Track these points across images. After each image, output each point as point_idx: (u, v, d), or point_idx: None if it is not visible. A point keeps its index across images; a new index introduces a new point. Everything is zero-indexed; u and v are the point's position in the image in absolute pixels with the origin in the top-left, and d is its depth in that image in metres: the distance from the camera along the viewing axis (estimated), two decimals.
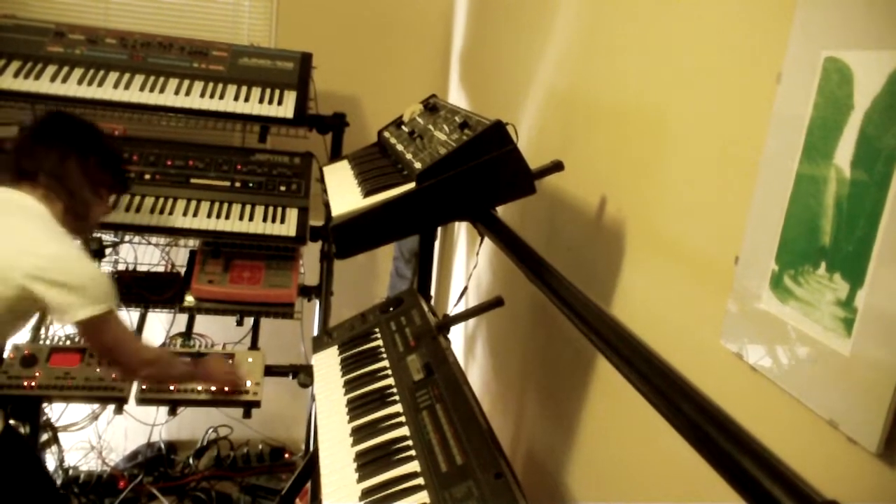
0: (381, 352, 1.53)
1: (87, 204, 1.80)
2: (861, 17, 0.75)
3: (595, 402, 1.41)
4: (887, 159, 0.69)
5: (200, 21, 2.84)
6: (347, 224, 1.26)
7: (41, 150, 1.74)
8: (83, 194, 1.77)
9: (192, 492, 2.93)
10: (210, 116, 2.43)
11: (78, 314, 1.60)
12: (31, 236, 1.61)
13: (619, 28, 1.41)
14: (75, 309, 1.59)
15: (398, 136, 1.70)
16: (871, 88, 0.72)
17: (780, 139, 0.86)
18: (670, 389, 0.72)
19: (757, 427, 0.64)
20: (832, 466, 0.74)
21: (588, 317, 0.92)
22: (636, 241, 1.27)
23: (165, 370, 1.95)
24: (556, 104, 1.75)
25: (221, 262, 2.50)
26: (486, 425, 1.19)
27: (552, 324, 1.66)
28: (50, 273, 1.56)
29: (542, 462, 1.68)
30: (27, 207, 1.67)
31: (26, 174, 1.71)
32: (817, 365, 0.77)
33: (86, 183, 1.78)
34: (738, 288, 0.92)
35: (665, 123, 1.19)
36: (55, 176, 1.72)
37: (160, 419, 2.78)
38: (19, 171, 1.71)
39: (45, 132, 1.79)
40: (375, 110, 2.92)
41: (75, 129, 1.83)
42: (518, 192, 1.29)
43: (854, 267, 0.72)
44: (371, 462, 1.18)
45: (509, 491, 1.02)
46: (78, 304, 1.59)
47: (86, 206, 1.80)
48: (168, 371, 1.98)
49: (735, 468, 0.61)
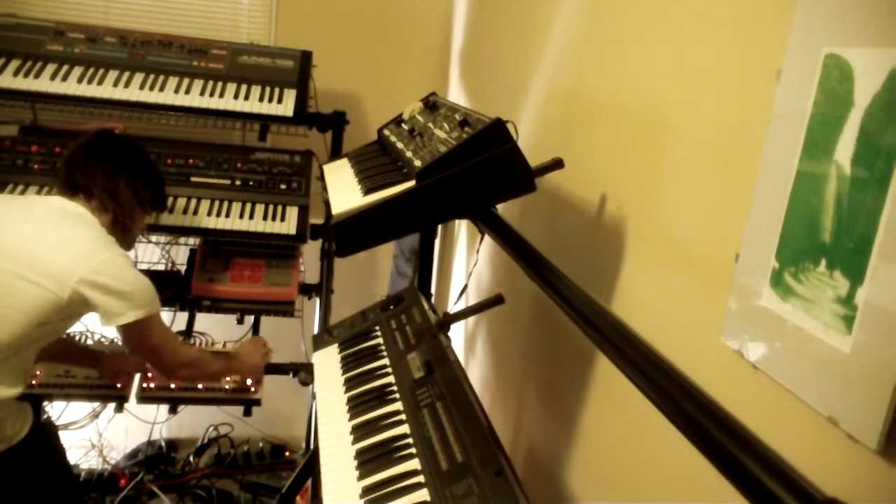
0: (382, 350, 1.53)
1: (133, 218, 1.91)
2: (862, 14, 0.75)
3: (596, 399, 1.41)
4: (888, 156, 0.69)
5: (200, 19, 2.84)
6: (348, 222, 1.26)
7: (94, 166, 1.83)
8: (130, 209, 1.88)
9: (193, 490, 2.93)
10: (210, 115, 2.42)
11: (124, 318, 1.68)
12: (88, 244, 1.69)
13: (619, 25, 1.41)
14: (122, 313, 1.68)
15: (398, 133, 1.70)
16: (871, 85, 0.72)
17: (781, 136, 0.85)
18: (671, 387, 0.72)
19: (757, 424, 0.64)
20: (832, 464, 0.74)
21: (588, 314, 0.92)
22: (636, 239, 1.27)
23: (202, 370, 2.05)
24: (556, 102, 1.74)
25: (222, 260, 2.50)
26: (487, 423, 1.19)
27: (552, 322, 1.65)
28: (102, 278, 1.65)
29: (543, 460, 1.68)
30: (82, 217, 1.76)
31: (79, 187, 1.81)
32: (817, 362, 0.77)
33: (133, 199, 1.88)
34: (739, 285, 0.92)
35: (665, 120, 1.19)
36: (107, 190, 1.83)
37: (161, 417, 2.78)
38: (72, 183, 1.81)
39: (98, 149, 1.89)
40: (375, 108, 2.92)
41: (125, 149, 1.94)
42: (518, 189, 1.29)
43: (854, 264, 0.72)
44: (371, 460, 1.18)
45: (509, 489, 1.02)
46: (125, 308, 1.68)
47: (131, 220, 1.90)
48: (204, 370, 2.07)
49: (735, 466, 0.61)
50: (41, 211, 1.74)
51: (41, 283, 1.60)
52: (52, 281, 1.60)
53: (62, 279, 1.61)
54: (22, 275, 1.59)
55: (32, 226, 1.69)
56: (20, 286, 1.59)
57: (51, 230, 1.69)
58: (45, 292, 1.60)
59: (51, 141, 2.38)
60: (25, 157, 2.34)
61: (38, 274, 1.60)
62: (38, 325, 1.63)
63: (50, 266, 1.62)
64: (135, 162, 1.92)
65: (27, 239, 1.65)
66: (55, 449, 1.97)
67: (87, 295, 1.63)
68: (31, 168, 2.32)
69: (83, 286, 1.62)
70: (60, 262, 1.63)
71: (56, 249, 1.65)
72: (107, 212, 1.82)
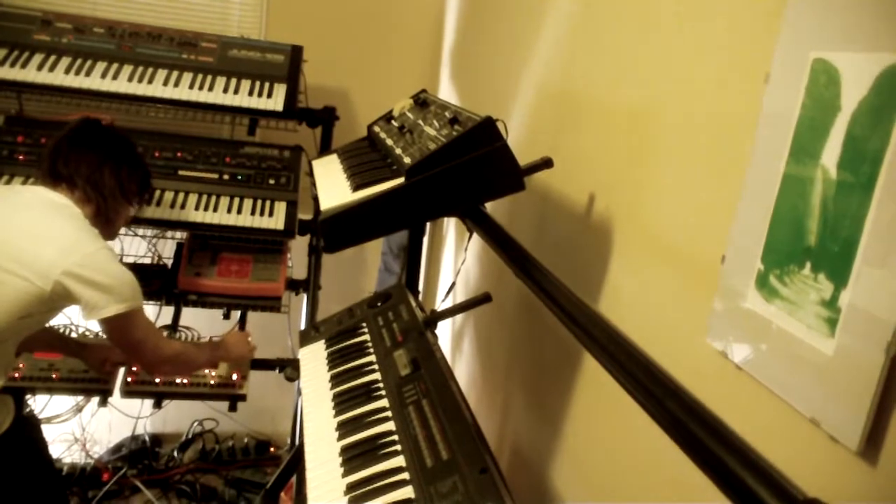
0: (369, 346, 1.53)
1: (117, 210, 1.88)
2: (849, 19, 0.76)
3: (581, 398, 1.41)
4: (873, 161, 0.70)
5: (190, 12, 2.82)
6: (336, 218, 1.26)
7: (78, 156, 1.80)
8: (114, 201, 1.85)
9: (177, 485, 2.92)
10: (199, 108, 2.41)
11: (106, 311, 1.65)
12: (72, 237, 1.66)
13: (609, 26, 1.41)
14: (104, 306, 1.65)
15: (388, 130, 1.70)
16: (858, 90, 0.73)
17: (768, 139, 0.86)
18: (655, 387, 0.72)
19: (740, 425, 0.65)
20: (814, 464, 0.75)
21: (574, 313, 0.92)
22: (624, 239, 1.28)
23: (187, 364, 2.02)
24: (546, 101, 1.75)
25: (209, 254, 2.49)
26: (472, 421, 1.20)
27: (539, 320, 1.66)
28: (86, 272, 1.62)
29: (528, 458, 1.69)
30: (66, 208, 1.73)
31: (62, 177, 1.78)
32: (801, 364, 0.77)
33: (117, 190, 1.85)
34: (724, 287, 0.92)
35: (654, 122, 1.19)
36: (91, 181, 1.79)
37: (145, 412, 2.77)
38: (55, 173, 1.78)
39: (82, 139, 1.85)
40: (365, 104, 2.91)
41: (110, 139, 1.91)
42: (507, 188, 1.29)
43: (839, 267, 0.73)
44: (356, 456, 1.18)
45: (494, 486, 1.02)
46: (107, 302, 1.65)
47: (115, 213, 1.87)
48: (189, 364, 2.04)
49: (718, 465, 0.61)
50: (25, 202, 1.72)
51: (24, 275, 1.58)
52: (36, 273, 1.58)
53: (46, 271, 1.59)
54: (5, 267, 1.58)
55: (17, 217, 1.67)
56: (3, 279, 1.57)
57: (35, 222, 1.67)
58: (28, 285, 1.58)
59: (36, 132, 2.35)
60: (11, 147, 2.32)
61: (22, 266, 1.58)
62: (20, 318, 1.61)
63: (34, 258, 1.60)
64: (120, 153, 1.89)
65: (12, 231, 1.63)
66: (37, 443, 1.95)
67: (71, 288, 1.61)
68: (16, 159, 2.30)
69: (67, 279, 1.60)
70: (45, 255, 1.61)
71: (40, 242, 1.63)
72: (90, 203, 1.79)
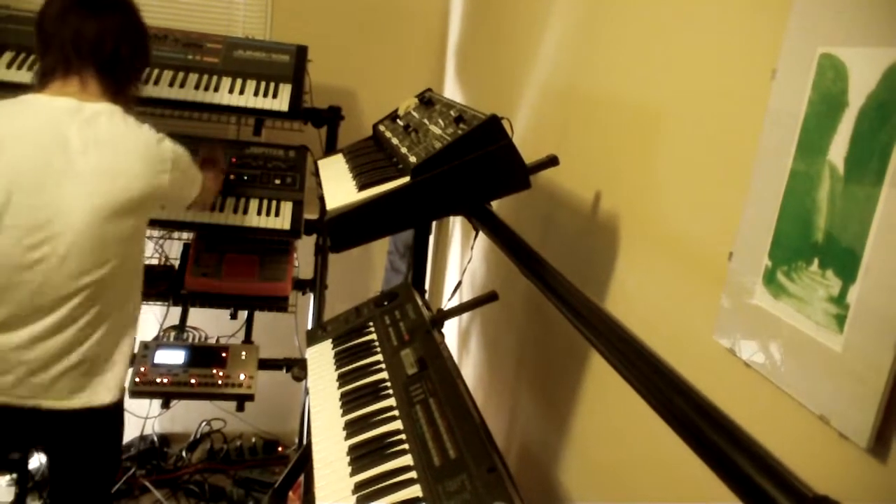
0: (375, 346, 1.53)
1: (134, 86, 1.82)
2: (857, 14, 0.75)
3: (589, 396, 1.41)
4: (881, 156, 0.69)
5: (195, 13, 2.82)
6: (342, 218, 1.26)
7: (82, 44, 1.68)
8: (130, 82, 1.80)
9: (185, 485, 2.93)
10: (204, 109, 2.41)
11: (193, 193, 1.81)
12: (135, 138, 1.67)
13: (615, 23, 1.41)
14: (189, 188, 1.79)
15: (393, 129, 1.70)
16: (865, 85, 0.72)
17: (775, 135, 0.86)
18: (663, 384, 0.72)
19: (749, 422, 0.64)
20: (823, 462, 0.75)
21: (581, 311, 0.92)
22: (630, 237, 1.27)
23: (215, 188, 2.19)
24: (552, 99, 1.74)
25: (215, 255, 2.49)
26: (480, 419, 1.20)
27: (546, 319, 1.66)
28: (165, 164, 1.68)
29: (536, 456, 1.69)
30: (110, 112, 1.66)
31: (71, 73, 1.67)
32: (809, 360, 0.77)
33: (131, 68, 1.80)
34: (732, 283, 0.92)
35: (660, 119, 1.19)
36: (104, 68, 1.70)
37: (153, 412, 2.78)
38: (65, 68, 1.67)
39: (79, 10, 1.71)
40: (371, 104, 2.91)
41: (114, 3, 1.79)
42: (513, 186, 1.29)
43: (847, 263, 0.73)
44: (364, 455, 1.18)
45: (502, 485, 1.02)
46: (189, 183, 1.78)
47: (134, 89, 1.82)
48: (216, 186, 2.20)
49: (727, 463, 0.61)
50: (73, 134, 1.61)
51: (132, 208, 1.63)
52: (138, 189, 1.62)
53: (129, 183, 1.61)
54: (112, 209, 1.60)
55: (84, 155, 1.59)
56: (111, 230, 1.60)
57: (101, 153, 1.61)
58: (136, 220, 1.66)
59: None
60: None
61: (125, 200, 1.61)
62: None
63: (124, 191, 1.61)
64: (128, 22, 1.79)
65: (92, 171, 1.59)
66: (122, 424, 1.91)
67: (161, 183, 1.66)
68: None
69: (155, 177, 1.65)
70: (124, 164, 1.62)
71: (118, 178, 1.61)
72: (109, 91, 1.70)
